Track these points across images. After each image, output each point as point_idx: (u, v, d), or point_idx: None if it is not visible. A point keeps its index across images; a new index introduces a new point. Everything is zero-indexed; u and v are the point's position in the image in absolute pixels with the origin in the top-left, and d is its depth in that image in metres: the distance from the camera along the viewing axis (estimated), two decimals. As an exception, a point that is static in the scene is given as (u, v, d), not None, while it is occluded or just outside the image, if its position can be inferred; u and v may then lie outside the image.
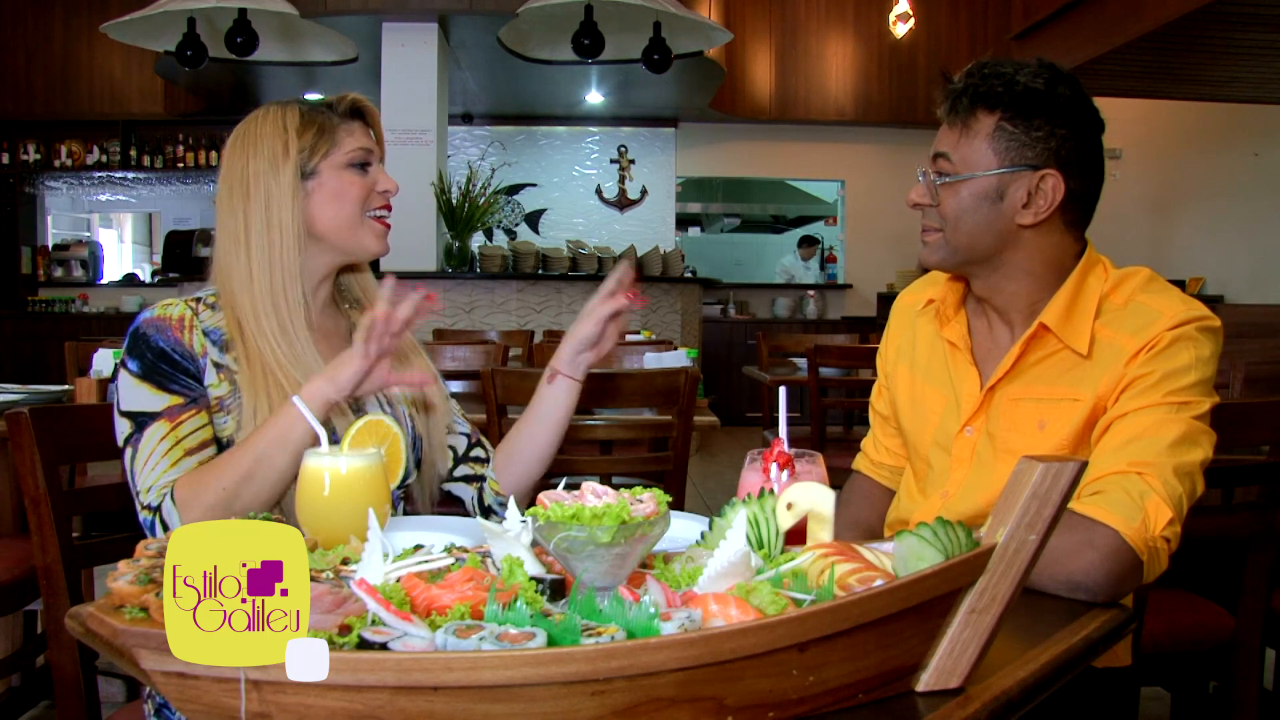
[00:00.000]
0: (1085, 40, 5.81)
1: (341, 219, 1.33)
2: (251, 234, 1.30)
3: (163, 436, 1.22)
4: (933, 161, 1.27)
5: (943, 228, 1.26)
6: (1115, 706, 1.40)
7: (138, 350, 1.26)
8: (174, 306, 1.29)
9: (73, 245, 9.36)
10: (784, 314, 9.02)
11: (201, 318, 1.30)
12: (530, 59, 6.33)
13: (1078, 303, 1.23)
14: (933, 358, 1.39)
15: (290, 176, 1.30)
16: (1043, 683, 0.80)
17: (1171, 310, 1.18)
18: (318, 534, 0.93)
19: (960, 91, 1.23)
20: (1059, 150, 1.21)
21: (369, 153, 1.36)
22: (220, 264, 1.33)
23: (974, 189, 1.23)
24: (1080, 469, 0.77)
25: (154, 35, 5.74)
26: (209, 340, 1.28)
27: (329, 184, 1.32)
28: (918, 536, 0.78)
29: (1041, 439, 1.22)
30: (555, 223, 9.00)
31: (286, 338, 1.28)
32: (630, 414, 2.57)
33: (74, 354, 3.32)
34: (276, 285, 1.29)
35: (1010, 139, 1.21)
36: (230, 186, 1.32)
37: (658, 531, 0.86)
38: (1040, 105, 1.20)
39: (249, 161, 1.30)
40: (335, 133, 1.34)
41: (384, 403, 1.40)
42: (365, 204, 1.34)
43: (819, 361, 3.60)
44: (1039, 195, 1.21)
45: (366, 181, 1.35)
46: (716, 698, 0.67)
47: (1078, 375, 1.21)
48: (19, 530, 2.32)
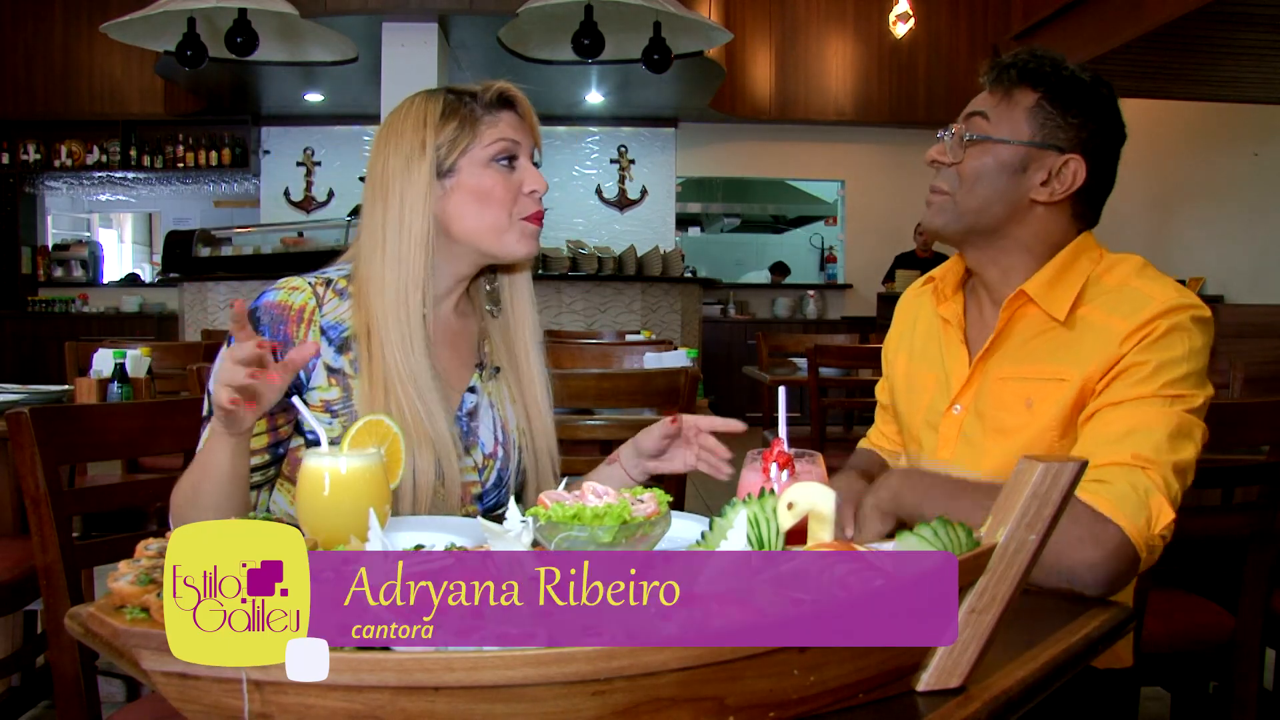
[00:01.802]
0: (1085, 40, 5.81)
1: (484, 222, 1.25)
2: (388, 236, 1.24)
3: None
4: (965, 119, 1.29)
5: (953, 191, 1.28)
6: (1115, 706, 1.40)
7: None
8: (300, 292, 1.24)
9: (73, 245, 9.37)
10: (784, 314, 9.02)
11: (325, 309, 1.24)
12: (530, 59, 6.33)
13: (1064, 278, 1.25)
14: (929, 339, 1.41)
15: (425, 176, 1.24)
16: (1043, 682, 0.80)
17: (1164, 296, 1.18)
18: (318, 534, 0.93)
19: (1009, 64, 1.27)
20: (1088, 141, 1.25)
21: (515, 144, 1.26)
22: (361, 256, 1.27)
23: (1000, 154, 1.26)
24: (1080, 469, 0.77)
25: (154, 35, 5.75)
26: (325, 340, 1.23)
27: (468, 182, 1.25)
28: (918, 536, 0.78)
29: (1029, 418, 1.23)
30: (555, 223, 8.99)
31: (405, 348, 1.22)
32: (630, 414, 2.56)
33: (74, 354, 3.32)
34: (401, 293, 1.23)
35: (1047, 117, 1.24)
36: (371, 184, 1.27)
37: (658, 531, 0.86)
38: (1081, 95, 1.25)
39: (389, 159, 1.25)
40: (477, 125, 1.25)
41: (499, 431, 1.34)
42: (513, 207, 1.26)
43: (819, 361, 3.60)
44: (1059, 178, 1.25)
45: (513, 180, 1.26)
46: (717, 697, 0.67)
47: (1064, 355, 1.22)
48: (19, 530, 2.32)
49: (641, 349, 3.40)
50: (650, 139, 9.04)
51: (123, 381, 2.40)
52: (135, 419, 1.49)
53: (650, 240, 8.41)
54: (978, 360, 1.30)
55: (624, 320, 6.75)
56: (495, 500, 1.34)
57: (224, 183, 9.06)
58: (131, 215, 10.73)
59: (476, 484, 1.32)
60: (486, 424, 1.34)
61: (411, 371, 1.22)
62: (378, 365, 1.22)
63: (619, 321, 6.73)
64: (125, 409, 1.59)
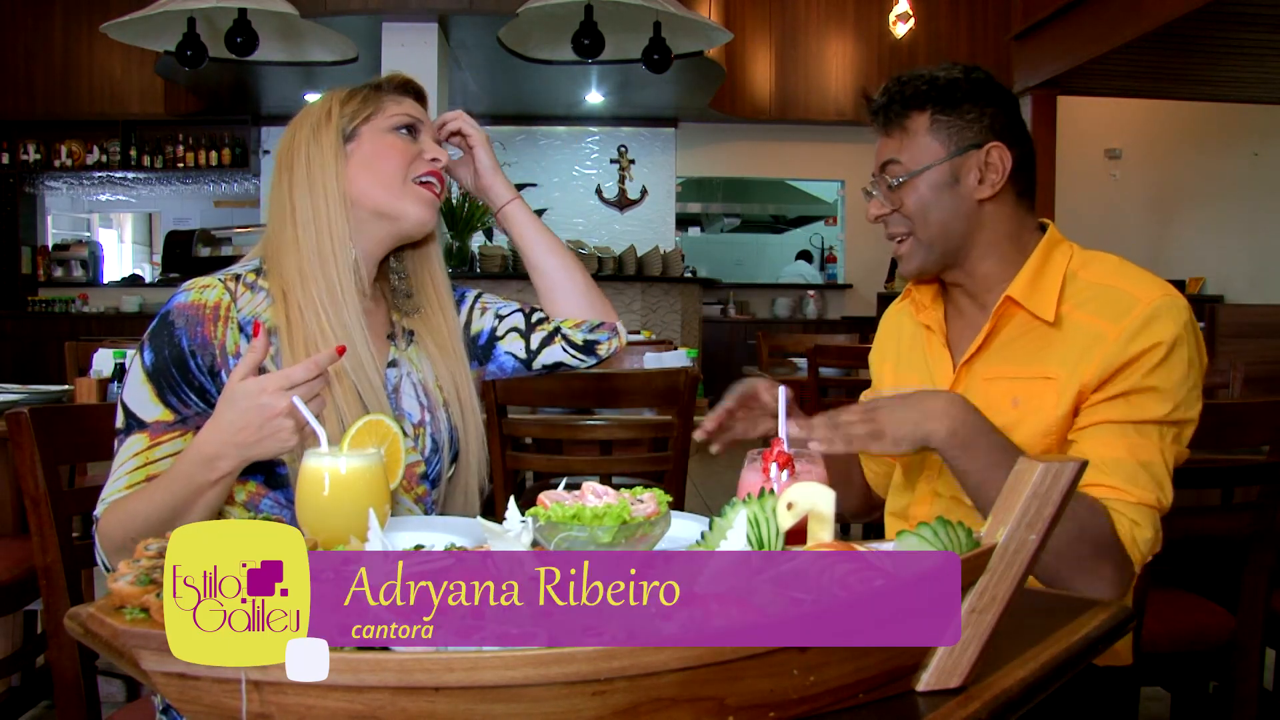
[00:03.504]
0: (1085, 40, 5.82)
1: (380, 181, 1.26)
2: (296, 201, 1.24)
3: (136, 452, 1.16)
4: (881, 171, 1.31)
5: (911, 229, 1.29)
6: (1115, 706, 1.40)
7: (159, 340, 1.18)
8: (211, 290, 1.21)
9: (73, 245, 9.35)
10: (784, 314, 9.02)
11: (240, 304, 1.22)
12: (530, 59, 6.32)
13: (1042, 275, 1.26)
14: (914, 348, 1.42)
15: (332, 139, 1.26)
16: (1043, 682, 0.80)
17: (1147, 293, 1.20)
18: (318, 534, 0.93)
19: (887, 102, 1.29)
20: (993, 125, 1.27)
21: (418, 121, 1.31)
22: (269, 242, 1.27)
23: (930, 180, 1.27)
24: (1080, 469, 0.77)
25: (154, 35, 5.74)
26: (243, 336, 1.20)
27: (367, 147, 1.27)
28: (918, 536, 0.78)
29: (1017, 416, 1.24)
30: (555, 223, 8.99)
31: (334, 302, 1.22)
32: (630, 414, 2.57)
33: (74, 354, 3.32)
34: (325, 250, 1.23)
35: (948, 128, 1.26)
36: (278, 164, 1.28)
37: (658, 531, 0.86)
38: (964, 92, 1.26)
39: (294, 135, 1.27)
40: (381, 100, 1.30)
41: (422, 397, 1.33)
42: (409, 169, 1.28)
43: (819, 361, 3.60)
44: (990, 169, 1.26)
45: (412, 147, 1.29)
46: (717, 697, 0.67)
47: (1048, 354, 1.23)
48: (19, 530, 2.32)
49: (641, 349, 3.40)
50: (650, 139, 9.04)
51: (122, 381, 2.40)
52: (135, 419, 1.49)
53: (650, 240, 8.41)
54: (963, 364, 1.31)
55: (624, 320, 6.68)
56: (437, 469, 1.31)
57: (224, 183, 9.06)
58: (131, 215, 10.73)
59: (420, 462, 1.30)
60: (409, 394, 1.32)
61: (344, 323, 1.21)
62: (297, 326, 1.20)
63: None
64: (125, 409, 1.59)
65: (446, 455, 1.33)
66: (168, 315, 1.19)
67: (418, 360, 1.36)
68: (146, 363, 1.18)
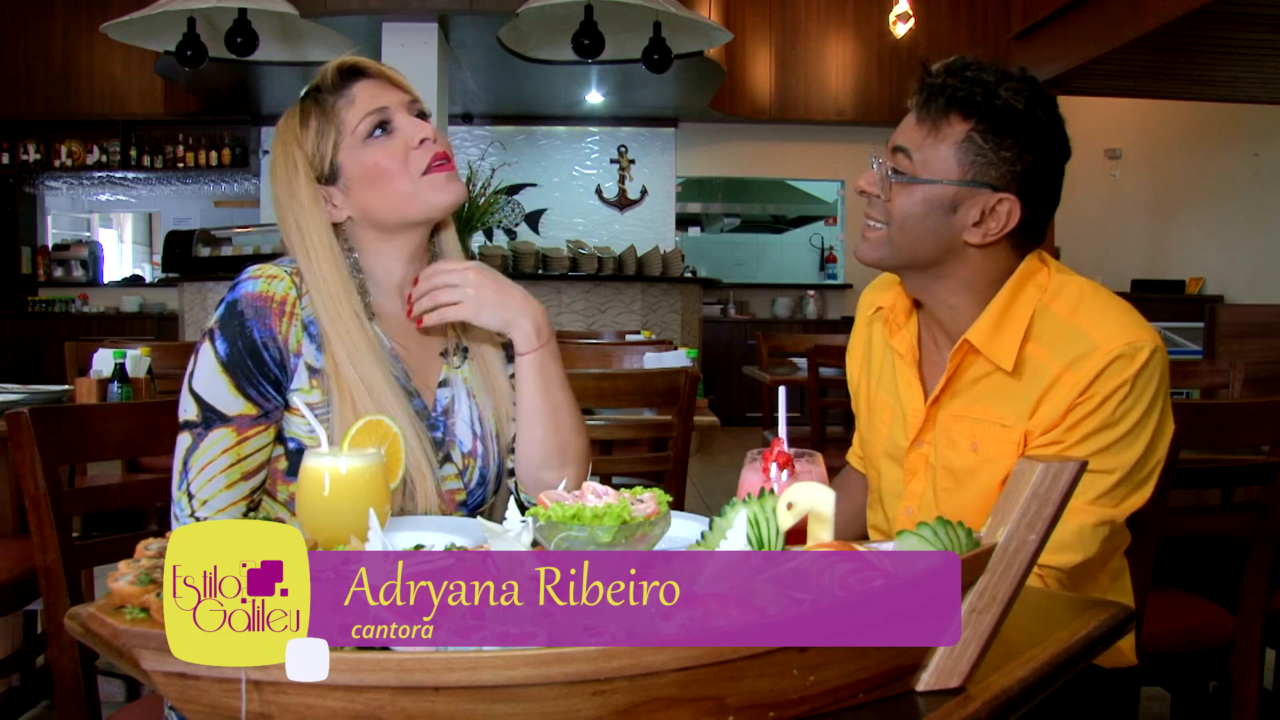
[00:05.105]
0: (1085, 40, 5.81)
1: (393, 197, 1.19)
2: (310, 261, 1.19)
3: (226, 449, 1.12)
4: (891, 154, 1.21)
5: (888, 224, 1.21)
6: (1116, 706, 1.40)
7: (230, 331, 1.13)
8: (279, 281, 1.15)
9: (73, 245, 9.36)
10: (784, 314, 9.02)
11: (304, 302, 1.17)
12: (530, 59, 6.32)
13: (1007, 318, 1.18)
14: (884, 366, 1.37)
15: (307, 192, 1.19)
16: (1043, 681, 0.80)
17: (1107, 341, 1.13)
18: (318, 534, 0.93)
19: (938, 89, 1.16)
20: (1022, 175, 1.15)
21: (380, 110, 1.20)
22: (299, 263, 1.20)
23: (929, 194, 1.17)
24: (1080, 469, 0.77)
25: (154, 35, 5.74)
26: (307, 335, 1.16)
27: (356, 172, 1.19)
28: (918, 536, 0.78)
29: (975, 461, 1.21)
30: (555, 223, 9.00)
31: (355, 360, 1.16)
32: (630, 414, 2.56)
33: (74, 354, 3.32)
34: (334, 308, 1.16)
35: (978, 153, 1.15)
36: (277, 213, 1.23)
37: (658, 531, 0.86)
38: (1015, 125, 1.14)
39: (276, 189, 1.21)
40: (335, 114, 1.20)
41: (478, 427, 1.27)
42: (408, 169, 1.19)
43: (819, 361, 3.60)
44: (992, 218, 1.16)
45: (395, 144, 1.19)
46: (717, 697, 0.67)
47: (1006, 402, 1.19)
48: (19, 530, 2.32)
49: (641, 349, 3.40)
50: (650, 139, 9.04)
51: (123, 381, 2.40)
52: (135, 419, 1.49)
53: (650, 240, 8.41)
54: (931, 403, 1.26)
55: (624, 320, 6.75)
56: (480, 499, 1.27)
57: (224, 183, 9.05)
58: (131, 215, 10.72)
59: (461, 490, 1.25)
60: (464, 418, 1.26)
61: (365, 383, 1.15)
62: (334, 374, 1.16)
63: (619, 321, 6.73)
64: (125, 409, 1.59)
65: (491, 490, 1.28)
66: (235, 304, 1.14)
67: (475, 383, 1.29)
68: (221, 353, 1.13)
